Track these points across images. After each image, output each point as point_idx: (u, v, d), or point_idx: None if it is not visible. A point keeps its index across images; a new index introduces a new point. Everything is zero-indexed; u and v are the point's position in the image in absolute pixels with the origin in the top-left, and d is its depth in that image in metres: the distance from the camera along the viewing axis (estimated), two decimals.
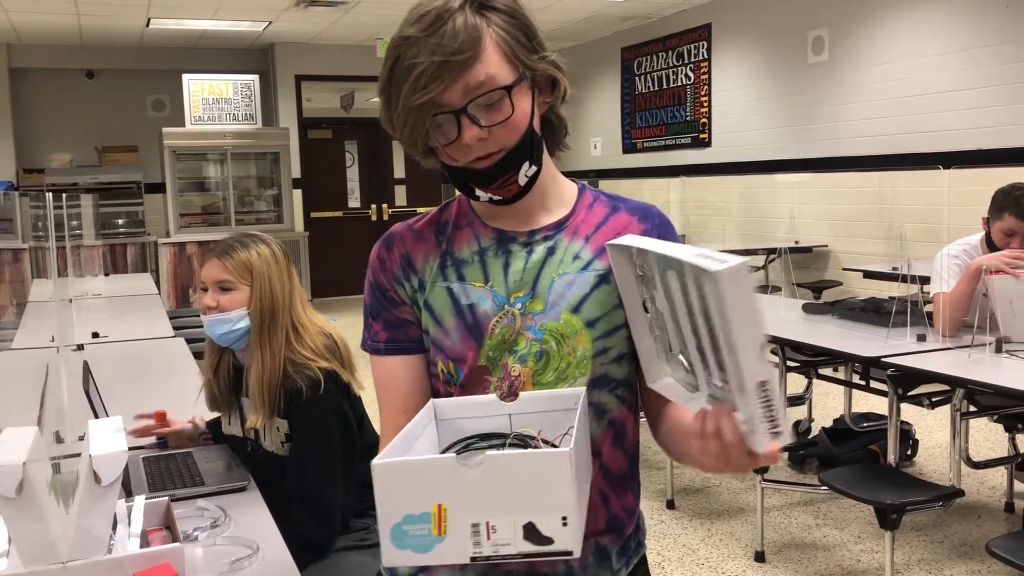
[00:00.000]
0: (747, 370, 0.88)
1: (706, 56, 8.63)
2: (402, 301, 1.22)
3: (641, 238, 1.10)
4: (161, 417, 2.21)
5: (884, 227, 6.69)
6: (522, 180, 1.14)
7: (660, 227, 1.22)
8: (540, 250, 1.19)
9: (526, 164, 1.14)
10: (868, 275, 5.90)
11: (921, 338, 3.17)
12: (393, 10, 8.38)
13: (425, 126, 1.09)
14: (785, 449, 3.78)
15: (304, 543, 1.83)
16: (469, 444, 1.08)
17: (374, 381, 1.26)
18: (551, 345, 1.16)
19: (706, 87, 8.65)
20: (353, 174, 11.08)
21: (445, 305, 1.19)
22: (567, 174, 1.28)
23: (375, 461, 0.93)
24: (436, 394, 1.22)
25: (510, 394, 1.16)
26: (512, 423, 1.13)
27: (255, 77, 9.72)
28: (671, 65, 9.13)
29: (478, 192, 1.15)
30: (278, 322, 1.96)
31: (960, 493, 2.86)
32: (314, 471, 1.89)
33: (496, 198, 1.16)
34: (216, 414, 2.20)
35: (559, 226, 1.21)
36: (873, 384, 3.52)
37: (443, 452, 1.07)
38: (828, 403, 5.26)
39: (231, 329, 1.96)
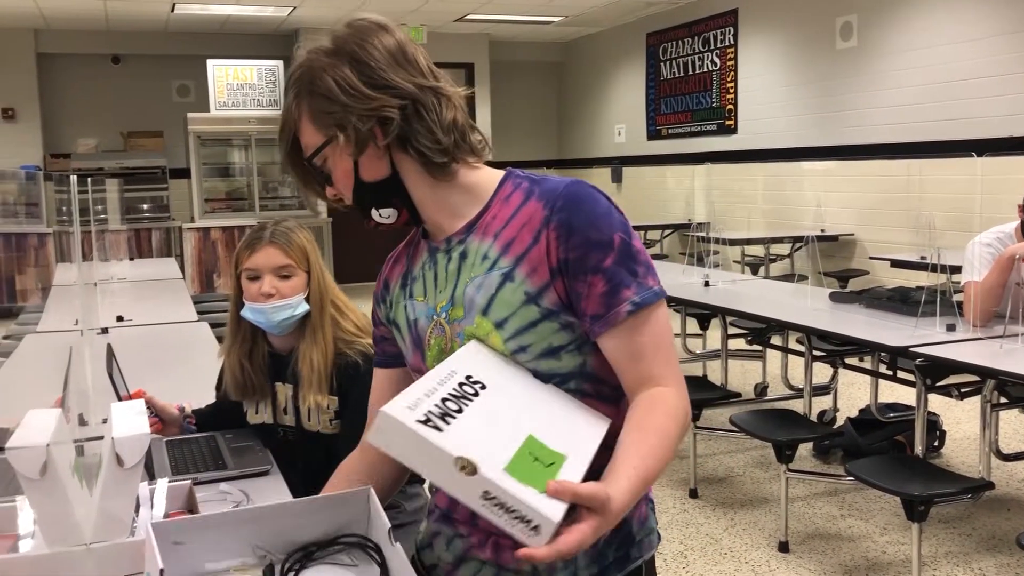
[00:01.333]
0: (460, 496, 0.91)
1: (732, 42, 8.54)
2: (380, 321, 1.36)
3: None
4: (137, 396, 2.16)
5: (912, 216, 6.60)
6: (381, 220, 1.23)
7: (561, 211, 1.12)
8: (455, 256, 1.21)
9: (373, 211, 1.22)
10: (895, 264, 5.82)
11: (951, 328, 3.12)
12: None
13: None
14: (804, 440, 3.74)
15: None
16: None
17: None
18: None
19: (732, 73, 8.56)
20: None
21: (403, 323, 1.29)
22: (590, 161, 1.26)
23: None
24: None
25: None
26: None
27: (279, 63, 9.73)
28: (697, 51, 9.05)
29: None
30: (327, 304, 2.01)
31: (990, 486, 2.81)
32: None
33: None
34: (204, 404, 2.21)
35: (469, 228, 1.20)
36: (900, 374, 3.48)
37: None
38: (853, 393, 5.21)
39: (292, 315, 1.97)
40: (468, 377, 1.06)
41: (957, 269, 3.61)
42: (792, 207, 7.87)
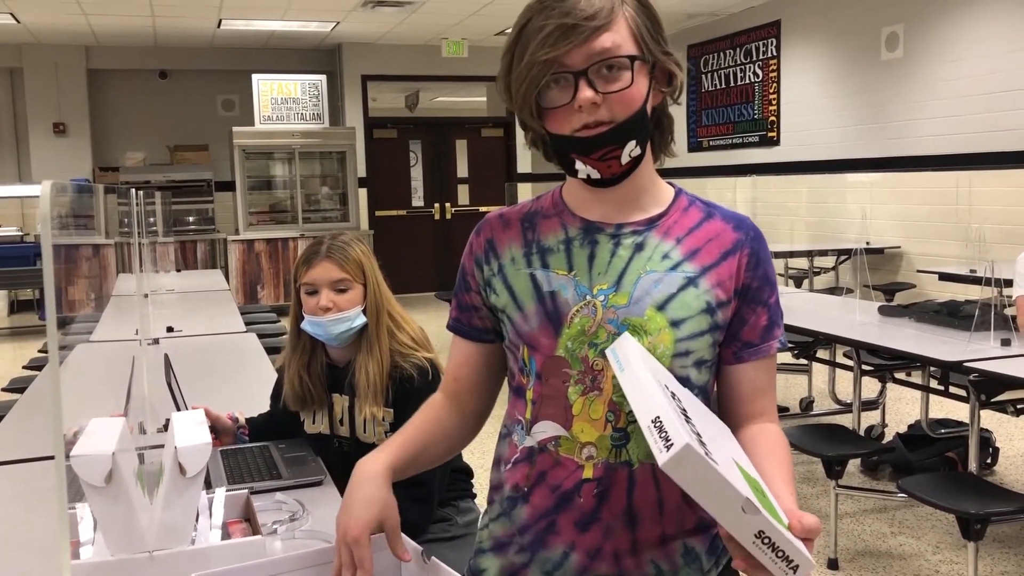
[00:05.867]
0: (735, 532, 0.92)
1: (775, 53, 8.48)
2: (475, 288, 1.28)
3: (636, 357, 1.08)
4: None
5: (961, 228, 6.49)
6: (624, 158, 1.14)
7: (754, 240, 1.22)
8: (628, 244, 1.19)
9: (632, 143, 1.14)
10: (944, 277, 5.73)
11: (1005, 342, 3.07)
12: (458, 10, 8.41)
13: (541, 82, 1.11)
14: (855, 456, 3.69)
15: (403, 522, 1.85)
16: None
17: None
18: None
19: (775, 85, 8.51)
20: (417, 173, 11.15)
21: (527, 291, 1.21)
22: None
23: None
24: (514, 384, 1.26)
25: (593, 388, 1.16)
26: None
27: (322, 77, 9.85)
28: (739, 63, 9.00)
29: (578, 165, 1.16)
30: (384, 316, 2.02)
31: None
32: None
33: (595, 175, 1.16)
34: (255, 413, 2.23)
35: (650, 223, 1.20)
36: (952, 389, 3.42)
37: None
38: (900, 408, 5.12)
39: (349, 327, 1.99)
40: (666, 387, 1.06)
41: (1010, 283, 3.54)
42: (836, 219, 7.79)
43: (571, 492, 1.18)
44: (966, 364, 2.87)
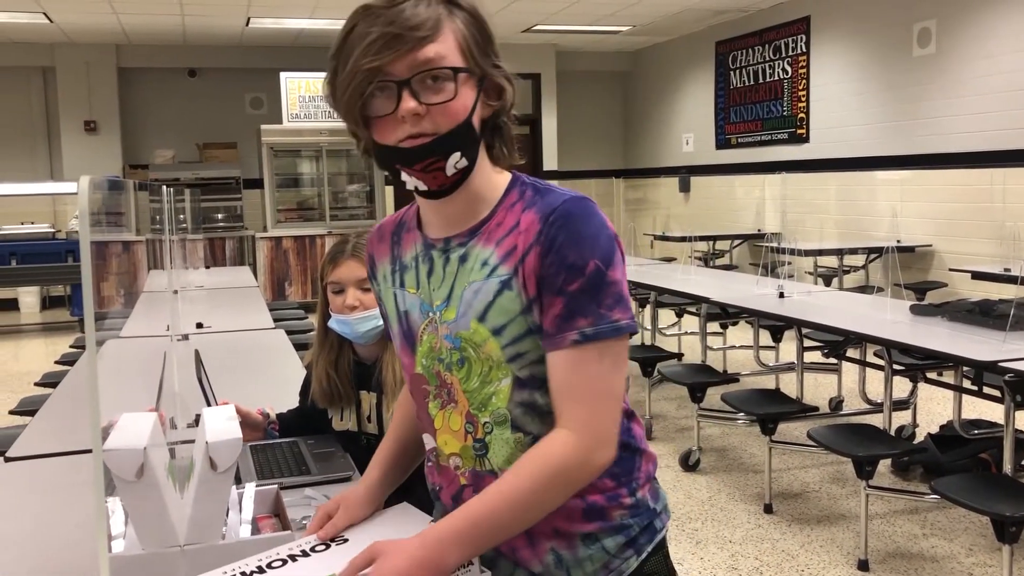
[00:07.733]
0: None
1: (804, 50, 8.41)
2: (378, 297, 1.35)
3: None
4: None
5: (994, 227, 6.40)
6: (450, 170, 1.13)
7: (552, 225, 1.11)
8: (454, 258, 1.20)
9: (456, 155, 1.12)
10: (977, 276, 5.65)
11: None
12: (484, 8, 8.41)
13: (365, 91, 1.10)
14: (887, 456, 3.65)
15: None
16: None
17: None
18: (469, 352, 1.17)
19: (804, 81, 8.43)
20: None
21: (392, 310, 1.28)
22: (658, 171, 1.26)
23: None
24: None
25: (450, 401, 1.21)
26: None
27: None
28: (767, 59, 8.93)
29: (404, 176, 1.15)
30: None
31: None
32: None
33: (422, 187, 1.15)
34: (285, 408, 2.24)
35: (473, 232, 1.19)
36: (986, 389, 3.37)
37: None
38: (932, 408, 5.06)
39: (376, 325, 1.99)
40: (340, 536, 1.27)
41: None
42: (866, 217, 7.71)
43: (457, 496, 1.23)
44: (1001, 364, 2.83)
